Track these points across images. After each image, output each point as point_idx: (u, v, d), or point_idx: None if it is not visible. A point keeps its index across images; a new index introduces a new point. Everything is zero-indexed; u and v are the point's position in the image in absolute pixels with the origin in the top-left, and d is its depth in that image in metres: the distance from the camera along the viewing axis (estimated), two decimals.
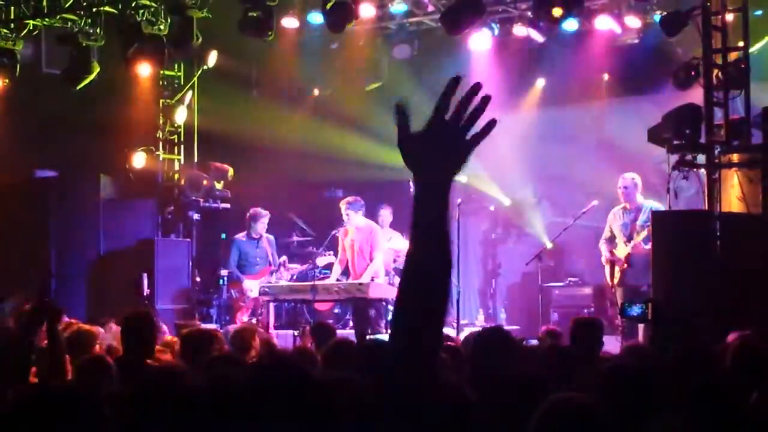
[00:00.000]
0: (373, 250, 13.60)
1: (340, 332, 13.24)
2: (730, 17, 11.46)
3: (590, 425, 3.35)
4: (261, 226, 14.53)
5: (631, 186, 12.78)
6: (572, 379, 4.95)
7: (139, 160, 15.35)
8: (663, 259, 10.79)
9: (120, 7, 14.29)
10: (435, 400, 2.53)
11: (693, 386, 4.38)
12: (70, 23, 14.32)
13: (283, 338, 12.43)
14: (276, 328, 14.02)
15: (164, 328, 9.96)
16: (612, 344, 9.77)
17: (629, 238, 12.68)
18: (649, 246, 11.88)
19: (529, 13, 14.50)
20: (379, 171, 16.43)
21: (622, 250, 12.74)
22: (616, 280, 12.81)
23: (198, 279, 15.42)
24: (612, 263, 12.87)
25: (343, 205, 13.61)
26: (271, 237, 14.77)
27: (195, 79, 15.75)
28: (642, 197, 12.83)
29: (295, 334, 12.19)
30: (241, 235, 14.68)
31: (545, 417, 3.36)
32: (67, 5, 14.29)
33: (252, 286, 14.14)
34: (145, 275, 14.11)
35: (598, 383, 4.38)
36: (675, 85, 11.93)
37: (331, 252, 14.72)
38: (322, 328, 9.37)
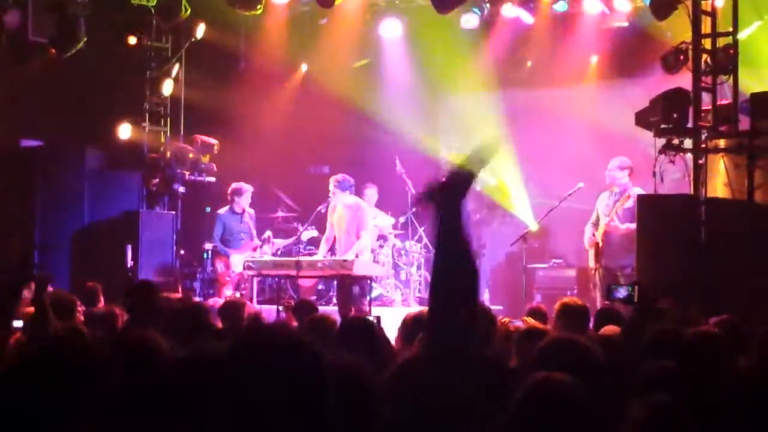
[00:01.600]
0: (360, 228, 13.59)
1: (322, 308, 13.28)
2: (719, 2, 11.48)
3: (571, 406, 3.36)
4: (245, 200, 14.52)
5: (613, 169, 12.85)
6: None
7: (124, 131, 15.27)
8: (648, 242, 10.83)
9: None
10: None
11: (658, 370, 4.41)
12: None
13: (267, 313, 12.43)
14: (259, 303, 14.01)
15: None
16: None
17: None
18: (624, 227, 12.01)
19: None
20: (365, 148, 16.43)
21: (601, 230, 12.82)
22: (591, 264, 12.93)
23: (182, 252, 15.40)
24: (597, 245, 12.93)
25: (331, 182, 13.60)
26: (252, 211, 14.76)
27: (182, 51, 15.66)
28: (630, 182, 12.88)
29: (279, 309, 12.19)
30: (224, 210, 14.66)
31: (526, 397, 3.37)
32: None
33: (237, 261, 14.15)
34: (129, 247, 14.08)
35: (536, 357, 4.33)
36: (663, 69, 11.93)
37: (314, 227, 14.70)
38: (304, 306, 9.35)
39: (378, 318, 8.01)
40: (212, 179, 15.73)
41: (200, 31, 15.25)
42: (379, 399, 3.19)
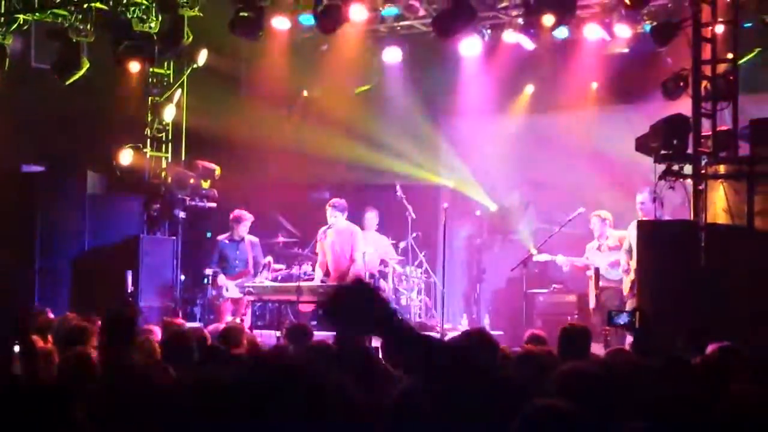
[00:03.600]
0: (353, 251, 13.60)
1: (323, 335, 13.27)
2: (719, 29, 11.50)
3: (571, 430, 3.37)
4: (243, 228, 14.51)
5: (648, 202, 12.89)
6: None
7: (126, 157, 15.31)
8: (648, 267, 10.83)
9: (111, 3, 14.27)
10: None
11: (656, 395, 4.41)
12: (60, 18, 14.28)
13: (266, 339, 12.42)
14: (259, 328, 14.01)
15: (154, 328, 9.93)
16: (595, 352, 9.78)
17: None
18: None
19: (520, 20, 14.53)
20: (366, 174, 16.46)
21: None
22: (626, 291, 12.95)
23: (183, 277, 15.40)
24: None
25: (329, 207, 13.61)
26: (255, 240, 14.73)
27: (184, 77, 15.72)
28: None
29: (278, 335, 12.18)
30: (223, 237, 14.69)
31: (526, 422, 3.37)
32: (58, 0, 14.27)
33: (228, 285, 14.16)
34: (129, 272, 14.08)
35: (556, 387, 4.36)
36: (664, 95, 11.96)
37: (309, 263, 14.72)
38: (298, 329, 9.24)
39: (375, 348, 8.00)
40: (213, 205, 15.75)
41: (202, 57, 15.32)
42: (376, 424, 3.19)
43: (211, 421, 2.91)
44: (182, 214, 15.54)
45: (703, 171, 11.01)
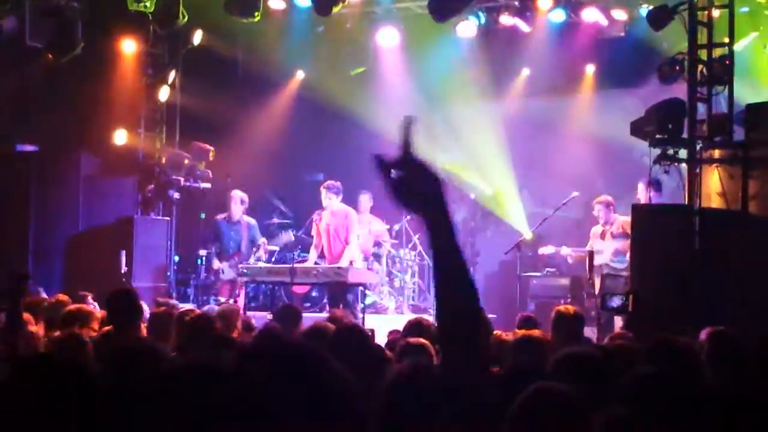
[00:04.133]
0: (348, 233, 13.60)
1: (317, 316, 13.28)
2: (716, 13, 11.49)
3: (569, 413, 3.37)
4: (236, 208, 14.48)
5: (642, 192, 12.88)
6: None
7: (120, 137, 15.26)
8: (642, 252, 10.84)
9: None
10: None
11: (637, 377, 4.42)
12: None
13: (259, 320, 12.42)
14: (252, 309, 14.01)
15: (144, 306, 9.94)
16: (588, 335, 9.80)
17: None
18: None
19: (516, 3, 14.52)
20: (360, 156, 16.42)
21: None
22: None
23: (176, 258, 15.38)
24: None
25: (323, 189, 13.60)
26: (253, 222, 14.71)
27: (179, 57, 15.65)
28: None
29: (268, 317, 12.17)
30: (221, 216, 14.68)
31: (525, 404, 3.37)
32: None
33: (223, 268, 14.17)
34: (123, 253, 14.05)
35: (552, 370, 4.38)
36: (660, 79, 11.96)
37: (293, 230, 14.73)
38: (288, 311, 9.21)
39: (372, 331, 8.01)
40: (207, 185, 15.70)
41: (197, 37, 15.25)
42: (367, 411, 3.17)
43: (206, 408, 2.89)
44: (176, 195, 15.50)
45: (698, 155, 11.01)
